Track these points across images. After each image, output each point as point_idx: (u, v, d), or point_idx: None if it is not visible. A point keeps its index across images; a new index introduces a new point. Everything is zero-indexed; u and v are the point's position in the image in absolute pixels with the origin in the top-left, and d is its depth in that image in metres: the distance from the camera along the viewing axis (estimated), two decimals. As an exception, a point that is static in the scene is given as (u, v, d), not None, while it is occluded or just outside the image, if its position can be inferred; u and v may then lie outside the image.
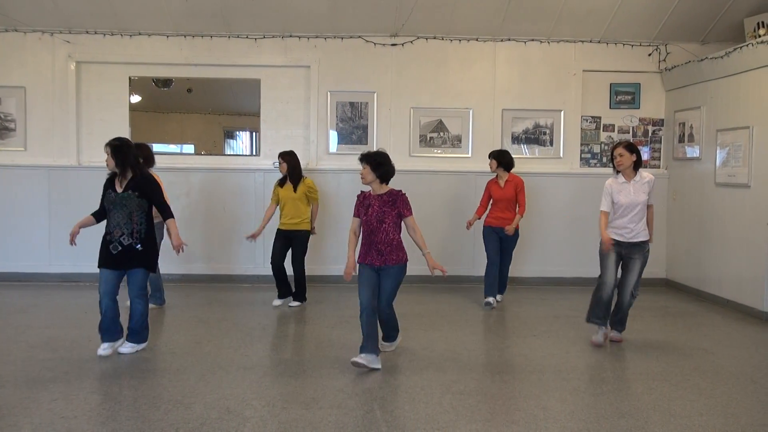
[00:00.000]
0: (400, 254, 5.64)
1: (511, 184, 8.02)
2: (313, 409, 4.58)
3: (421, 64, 9.41)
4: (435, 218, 9.16)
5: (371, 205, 5.62)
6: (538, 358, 5.94)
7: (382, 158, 5.67)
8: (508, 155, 8.13)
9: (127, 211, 5.70)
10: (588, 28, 9.26)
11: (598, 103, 9.61)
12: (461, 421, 4.42)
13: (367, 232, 5.64)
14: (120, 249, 5.68)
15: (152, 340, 6.22)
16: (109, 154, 5.80)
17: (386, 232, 5.56)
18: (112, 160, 5.79)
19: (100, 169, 9.11)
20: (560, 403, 4.81)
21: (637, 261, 6.32)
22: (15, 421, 4.29)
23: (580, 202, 9.29)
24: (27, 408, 4.52)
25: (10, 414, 4.41)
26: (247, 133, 10.13)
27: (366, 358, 5.42)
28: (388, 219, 5.57)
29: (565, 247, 9.43)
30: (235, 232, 9.11)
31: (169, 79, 9.59)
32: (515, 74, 9.51)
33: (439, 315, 7.64)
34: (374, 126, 9.42)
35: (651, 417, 4.56)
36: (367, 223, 5.61)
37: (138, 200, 5.72)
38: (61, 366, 5.46)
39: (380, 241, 5.57)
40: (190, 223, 9.19)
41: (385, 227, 5.56)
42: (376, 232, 5.57)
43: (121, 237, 5.68)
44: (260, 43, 9.28)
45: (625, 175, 6.30)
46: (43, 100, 9.23)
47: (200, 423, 4.29)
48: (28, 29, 9.13)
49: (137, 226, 5.72)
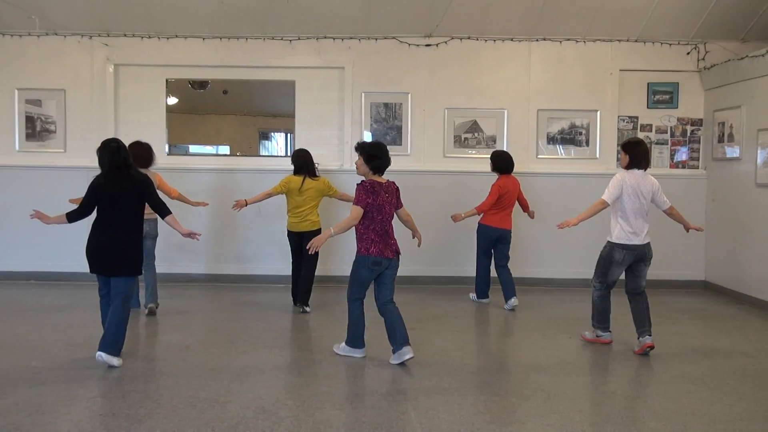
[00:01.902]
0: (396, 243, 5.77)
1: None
2: (347, 410, 4.58)
3: (456, 64, 9.38)
4: (469, 219, 9.09)
5: (380, 194, 5.59)
6: (572, 360, 5.88)
7: (376, 150, 5.68)
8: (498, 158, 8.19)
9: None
10: (624, 27, 9.15)
11: (635, 103, 9.49)
12: (496, 423, 4.39)
13: (380, 220, 5.57)
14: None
15: (189, 340, 6.29)
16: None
17: (390, 222, 5.68)
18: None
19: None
20: (596, 406, 4.76)
21: (647, 267, 6.21)
22: (55, 417, 4.36)
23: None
24: (66, 405, 4.59)
25: (50, 411, 4.48)
26: (281, 134, 10.17)
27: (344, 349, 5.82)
28: (392, 210, 5.70)
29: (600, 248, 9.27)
30: (269, 233, 9.15)
31: (205, 81, 9.68)
32: (550, 74, 9.43)
33: (470, 316, 7.61)
34: (408, 127, 9.41)
35: (689, 421, 4.48)
36: (386, 215, 5.61)
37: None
38: (99, 364, 5.53)
39: (391, 231, 5.68)
40: (224, 224, 9.27)
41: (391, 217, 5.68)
42: (388, 222, 5.64)
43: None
44: (295, 44, 9.33)
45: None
46: (82, 103, 9.38)
47: (235, 422, 4.32)
48: (68, 33, 9.29)
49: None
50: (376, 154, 5.64)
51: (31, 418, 4.33)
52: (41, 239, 9.26)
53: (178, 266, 9.42)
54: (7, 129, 9.38)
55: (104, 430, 4.16)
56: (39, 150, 9.36)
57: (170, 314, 7.60)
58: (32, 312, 7.49)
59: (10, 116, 9.37)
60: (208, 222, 9.19)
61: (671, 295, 8.95)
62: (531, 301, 8.34)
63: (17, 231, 9.28)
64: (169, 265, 9.45)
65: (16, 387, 4.93)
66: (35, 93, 9.39)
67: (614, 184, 6.11)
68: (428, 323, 7.23)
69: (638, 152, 6.20)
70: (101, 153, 5.76)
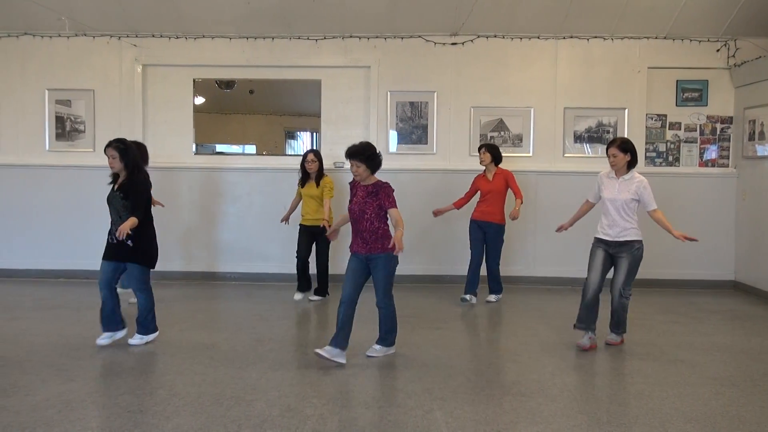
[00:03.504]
0: (386, 243, 5.53)
1: (501, 176, 8.05)
2: (373, 408, 4.58)
3: (482, 62, 9.34)
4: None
5: (356, 194, 5.65)
6: (600, 360, 5.83)
7: (371, 151, 5.61)
8: (498, 150, 8.17)
9: (115, 209, 5.90)
10: (653, 24, 9.05)
11: (664, 101, 9.39)
12: (522, 423, 4.36)
13: (352, 220, 5.66)
14: (116, 241, 5.85)
15: (215, 338, 6.34)
16: (116, 157, 5.87)
17: (369, 221, 5.54)
18: (120, 162, 5.88)
19: (165, 169, 9.37)
20: (623, 407, 4.71)
21: (624, 260, 6.11)
22: (84, 414, 4.41)
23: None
24: (95, 402, 4.64)
25: (79, 407, 4.53)
26: (307, 133, 10.22)
27: (330, 351, 5.48)
28: (369, 210, 5.54)
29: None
30: (295, 231, 9.17)
31: (231, 81, 9.74)
32: (577, 72, 9.36)
33: (497, 315, 7.58)
34: (434, 125, 9.39)
35: (719, 422, 4.42)
36: (351, 212, 5.64)
37: (123, 201, 5.86)
38: (128, 361, 5.60)
39: (365, 229, 5.56)
40: (251, 222, 9.33)
41: (367, 217, 5.55)
42: (360, 221, 5.57)
43: (116, 233, 5.81)
44: (320, 44, 9.35)
45: (617, 173, 6.18)
46: (111, 103, 9.48)
47: (261, 420, 4.34)
48: (97, 34, 9.40)
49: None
50: (372, 156, 5.59)
51: (61, 414, 4.39)
52: (71, 238, 9.39)
53: (209, 264, 9.51)
54: (38, 129, 9.51)
55: (132, 426, 4.20)
56: (68, 150, 9.48)
57: (197, 312, 7.66)
58: (62, 309, 7.59)
59: (41, 116, 9.50)
60: (237, 220, 9.25)
61: (700, 295, 8.86)
62: (559, 300, 8.29)
63: (47, 229, 9.42)
64: (199, 263, 9.57)
65: (46, 383, 5.00)
66: (65, 93, 9.51)
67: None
68: (453, 322, 7.22)
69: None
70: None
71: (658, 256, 9.19)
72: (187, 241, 9.58)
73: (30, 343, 6.12)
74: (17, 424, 4.20)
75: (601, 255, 6.16)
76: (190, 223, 9.57)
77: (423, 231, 9.14)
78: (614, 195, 6.10)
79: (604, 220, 6.17)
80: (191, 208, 9.54)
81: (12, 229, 9.53)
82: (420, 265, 9.35)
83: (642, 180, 6.13)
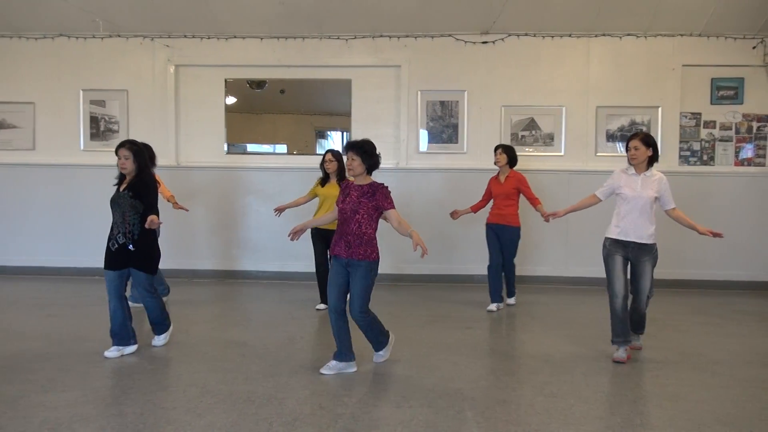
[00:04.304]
0: (369, 250, 5.24)
1: (512, 180, 7.72)
2: (404, 408, 4.58)
3: (513, 61, 9.30)
4: (527, 217, 9.02)
5: (350, 194, 5.35)
6: (635, 362, 5.76)
7: (371, 148, 5.36)
8: (514, 151, 7.87)
9: (121, 210, 5.70)
10: (687, 21, 8.93)
11: (698, 99, 9.26)
12: (554, 424, 4.33)
13: (340, 221, 5.37)
14: (117, 246, 5.68)
15: (247, 336, 6.38)
16: (129, 158, 5.74)
17: (358, 223, 5.24)
18: (133, 163, 5.75)
19: (197, 169, 9.47)
20: (658, 409, 4.65)
21: (647, 264, 5.74)
22: (120, 410, 4.46)
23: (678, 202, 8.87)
24: (130, 398, 4.69)
25: (114, 403, 4.59)
26: (338, 132, 10.24)
27: (336, 366, 5.32)
28: (362, 210, 5.25)
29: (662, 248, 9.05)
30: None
31: (262, 81, 9.80)
32: (610, 70, 9.27)
33: (526, 315, 7.53)
34: (464, 124, 9.36)
35: (756, 426, 4.35)
36: (342, 212, 5.33)
37: (131, 200, 5.68)
38: (160, 359, 5.65)
39: (350, 232, 5.22)
40: (282, 221, 9.35)
41: (358, 218, 5.24)
42: (348, 222, 5.27)
43: (118, 235, 5.69)
44: (351, 43, 9.37)
45: (637, 169, 5.81)
46: (144, 103, 9.59)
47: (293, 418, 4.35)
48: (130, 34, 9.51)
49: (129, 227, 5.67)
50: (371, 152, 5.34)
51: (98, 410, 4.45)
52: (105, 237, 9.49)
53: (240, 263, 9.60)
54: (73, 129, 9.66)
55: (165, 423, 4.24)
56: (102, 149, 9.58)
57: (229, 311, 7.72)
58: (96, 306, 7.67)
59: (76, 116, 9.64)
60: (268, 219, 9.28)
61: (736, 296, 8.73)
62: (591, 301, 8.22)
63: (83, 228, 9.55)
64: (231, 261, 9.64)
65: (82, 379, 5.07)
66: (99, 94, 9.64)
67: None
68: (483, 322, 7.19)
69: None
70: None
71: (692, 256, 9.10)
72: (218, 239, 9.66)
73: (65, 340, 6.21)
74: (54, 419, 4.27)
75: (621, 260, 5.79)
76: (221, 222, 9.65)
77: (456, 230, 9.12)
78: (637, 192, 5.72)
79: (623, 220, 5.76)
80: (223, 207, 9.61)
81: (47, 227, 9.69)
82: (451, 264, 9.34)
83: (662, 176, 5.81)
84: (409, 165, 9.39)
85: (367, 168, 5.35)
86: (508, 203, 7.70)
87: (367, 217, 5.25)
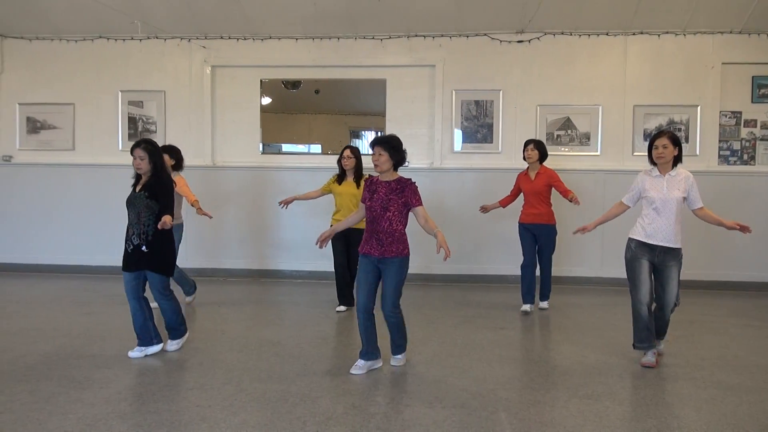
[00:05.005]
0: (401, 247, 5.23)
1: (543, 176, 7.52)
2: (437, 408, 4.57)
3: (548, 60, 9.22)
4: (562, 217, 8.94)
5: (377, 190, 5.27)
6: (670, 364, 5.67)
7: (398, 143, 5.28)
8: (545, 147, 7.67)
9: (136, 210, 5.66)
10: (727, 18, 8.78)
11: (739, 98, 9.09)
12: (588, 426, 4.28)
13: (370, 219, 5.29)
14: (132, 247, 5.65)
15: (281, 335, 6.42)
16: (145, 158, 5.73)
17: (389, 221, 5.20)
18: (149, 164, 5.74)
19: (233, 169, 9.55)
20: (695, 412, 4.57)
21: (674, 269, 5.52)
22: (156, 407, 4.52)
23: (717, 202, 8.73)
24: (165, 396, 4.75)
25: (150, 400, 4.65)
26: (372, 132, 10.24)
27: (364, 366, 5.32)
28: (392, 207, 5.19)
29: (699, 249, 8.93)
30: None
31: (297, 81, 9.85)
32: (647, 69, 9.15)
33: (561, 316, 7.47)
34: (500, 124, 9.31)
35: (797, 431, 4.26)
36: (371, 210, 5.26)
37: (147, 201, 5.64)
38: (195, 357, 5.71)
39: (382, 230, 5.19)
40: (316, 221, 9.39)
41: (389, 216, 5.20)
42: (379, 220, 5.22)
43: (133, 236, 5.67)
44: (386, 43, 9.38)
45: (661, 169, 5.59)
46: (181, 103, 9.71)
47: (326, 417, 4.37)
48: (168, 36, 9.63)
49: (144, 227, 5.62)
50: (399, 147, 5.26)
51: (133, 407, 4.51)
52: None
53: (275, 262, 9.66)
54: (112, 129, 9.81)
55: (200, 420, 4.29)
56: (141, 149, 9.71)
57: (263, 309, 7.77)
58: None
59: (114, 117, 9.79)
60: (303, 219, 9.33)
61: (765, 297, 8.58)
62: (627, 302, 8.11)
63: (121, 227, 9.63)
64: (266, 261, 9.71)
65: (119, 377, 5.15)
66: (137, 95, 9.78)
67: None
68: (517, 323, 7.14)
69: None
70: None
71: (729, 257, 8.96)
72: (253, 239, 9.74)
73: (103, 338, 6.32)
74: (92, 416, 4.34)
75: (647, 265, 5.58)
76: (256, 222, 9.73)
77: (490, 230, 9.08)
78: (664, 194, 5.51)
79: (649, 223, 5.55)
80: (257, 207, 9.68)
81: (86, 226, 9.85)
82: (482, 264, 9.29)
83: (689, 174, 5.60)
84: (444, 165, 9.37)
85: (395, 164, 5.28)
86: (541, 201, 7.54)
87: (397, 214, 5.22)
